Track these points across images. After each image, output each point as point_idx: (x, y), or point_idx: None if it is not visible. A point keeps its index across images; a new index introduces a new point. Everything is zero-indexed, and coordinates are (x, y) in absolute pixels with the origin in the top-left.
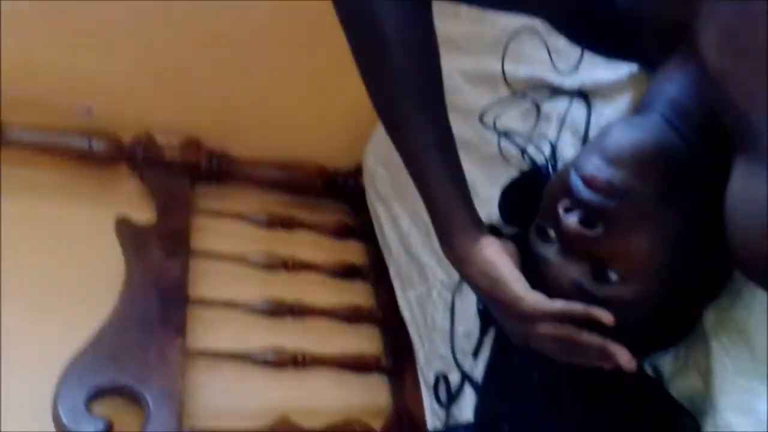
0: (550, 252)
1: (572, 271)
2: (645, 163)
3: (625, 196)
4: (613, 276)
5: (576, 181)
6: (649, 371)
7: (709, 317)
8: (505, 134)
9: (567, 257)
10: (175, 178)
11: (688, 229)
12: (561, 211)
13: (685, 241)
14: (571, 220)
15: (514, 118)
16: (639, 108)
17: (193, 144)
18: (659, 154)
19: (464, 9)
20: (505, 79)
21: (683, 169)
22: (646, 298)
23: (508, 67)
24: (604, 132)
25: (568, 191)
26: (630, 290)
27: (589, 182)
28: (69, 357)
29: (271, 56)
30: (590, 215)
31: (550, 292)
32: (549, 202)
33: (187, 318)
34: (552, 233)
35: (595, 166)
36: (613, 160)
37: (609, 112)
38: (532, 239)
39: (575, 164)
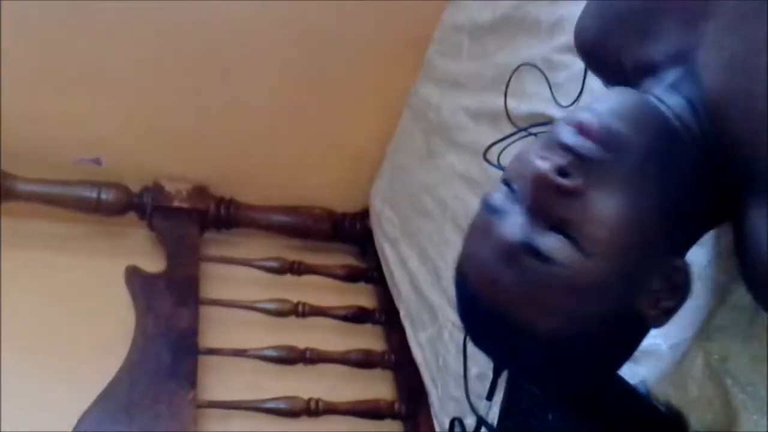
0: (509, 207)
1: (527, 230)
2: (647, 121)
3: (621, 150)
4: (560, 236)
5: (564, 128)
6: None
7: (718, 352)
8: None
9: (528, 217)
10: (184, 225)
11: (663, 218)
12: (534, 157)
13: (656, 230)
14: (545, 164)
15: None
16: None
17: (201, 191)
18: (660, 120)
19: (466, 47)
20: (507, 115)
21: (677, 149)
22: (606, 281)
23: (510, 104)
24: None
25: (549, 141)
26: (589, 264)
27: (582, 128)
28: (81, 409)
29: (276, 102)
30: (570, 166)
31: (490, 253)
32: (523, 159)
33: (198, 368)
34: (515, 189)
35: (593, 113)
36: (614, 111)
37: None
38: (492, 194)
39: (566, 117)
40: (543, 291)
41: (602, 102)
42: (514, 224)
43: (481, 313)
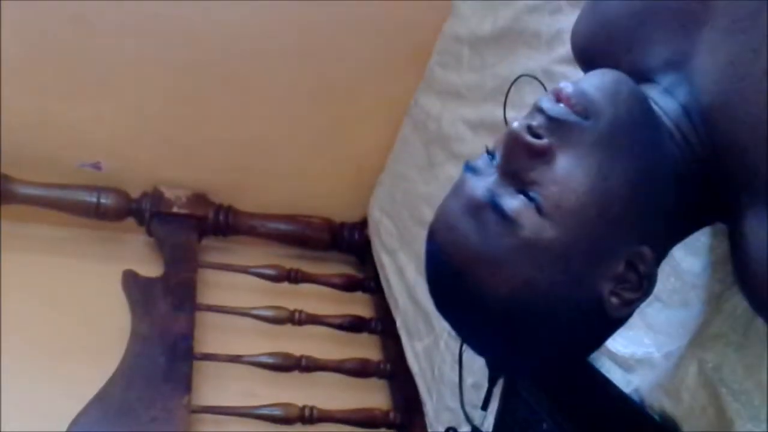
0: (484, 169)
1: (495, 187)
2: (624, 97)
3: (592, 116)
4: (525, 199)
5: (544, 97)
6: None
7: (712, 360)
8: None
9: (499, 177)
10: (182, 232)
11: (629, 198)
12: (512, 122)
13: (619, 207)
14: (518, 124)
15: None
16: None
17: (200, 198)
18: (639, 100)
19: (466, 58)
20: (506, 126)
21: (655, 138)
22: (565, 250)
23: (510, 115)
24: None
25: (530, 110)
26: (549, 227)
27: (559, 95)
28: (75, 412)
29: (276, 110)
30: (542, 128)
31: (459, 207)
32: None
33: (193, 373)
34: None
35: (573, 83)
36: (593, 83)
37: None
38: (475, 161)
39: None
40: (500, 250)
41: (589, 76)
42: (484, 183)
43: (442, 269)
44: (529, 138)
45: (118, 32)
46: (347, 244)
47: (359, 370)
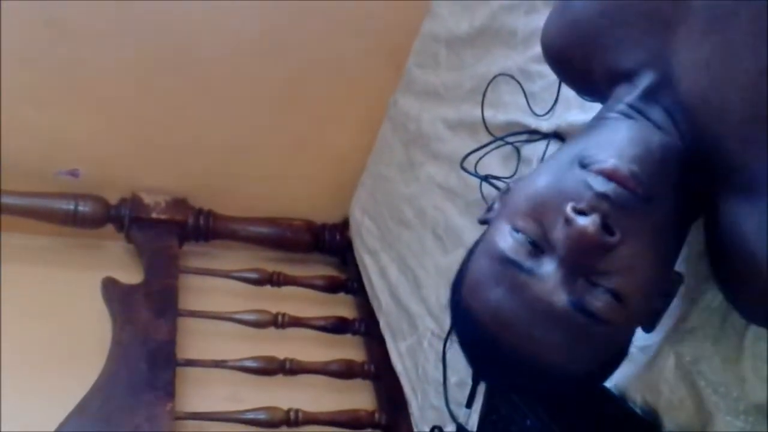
0: (546, 267)
1: (573, 290)
2: (663, 166)
3: (650, 195)
4: (608, 295)
5: (591, 176)
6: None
7: (689, 354)
8: (486, 179)
9: (565, 272)
10: (162, 237)
11: (676, 249)
12: (570, 212)
13: (671, 261)
14: (588, 222)
15: (495, 164)
16: (600, 115)
17: (179, 203)
18: (667, 149)
19: (443, 58)
20: (485, 125)
21: (677, 165)
22: (637, 319)
23: (488, 113)
24: (600, 131)
25: (577, 191)
26: (624, 310)
27: (611, 174)
28: (57, 421)
29: (255, 113)
30: (611, 217)
31: (537, 312)
32: (543, 209)
33: (177, 379)
34: (546, 245)
35: (614, 159)
36: (627, 157)
37: None
38: (512, 256)
39: (582, 163)
40: (586, 343)
41: (613, 142)
42: (552, 283)
43: (500, 353)
44: (607, 238)
45: (92, 38)
46: (329, 245)
47: (344, 371)
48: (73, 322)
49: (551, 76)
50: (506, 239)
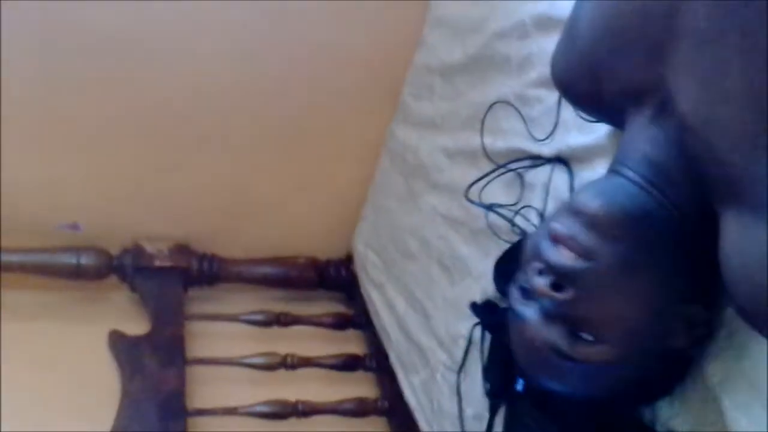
0: (529, 311)
1: (549, 333)
2: (613, 227)
3: (592, 258)
4: (588, 337)
5: (544, 242)
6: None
7: (716, 373)
8: (492, 207)
9: (545, 317)
10: (166, 285)
11: (662, 291)
12: (532, 273)
13: (658, 303)
14: (542, 282)
15: (498, 191)
16: (612, 168)
17: (182, 249)
18: (628, 219)
19: (438, 88)
20: (485, 152)
21: (655, 232)
22: (624, 357)
23: (487, 141)
24: (575, 194)
25: (538, 253)
26: (606, 350)
27: (554, 238)
28: None
29: (253, 152)
30: (561, 278)
31: (527, 351)
32: (525, 263)
33: (188, 429)
34: (531, 296)
35: (563, 225)
36: (582, 222)
37: (589, 175)
38: (514, 298)
39: (546, 224)
40: (574, 378)
41: (573, 207)
42: (534, 326)
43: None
44: (556, 295)
45: (90, 86)
46: (334, 281)
47: (357, 409)
48: (82, 376)
49: (549, 100)
50: (515, 297)
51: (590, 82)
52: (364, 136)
